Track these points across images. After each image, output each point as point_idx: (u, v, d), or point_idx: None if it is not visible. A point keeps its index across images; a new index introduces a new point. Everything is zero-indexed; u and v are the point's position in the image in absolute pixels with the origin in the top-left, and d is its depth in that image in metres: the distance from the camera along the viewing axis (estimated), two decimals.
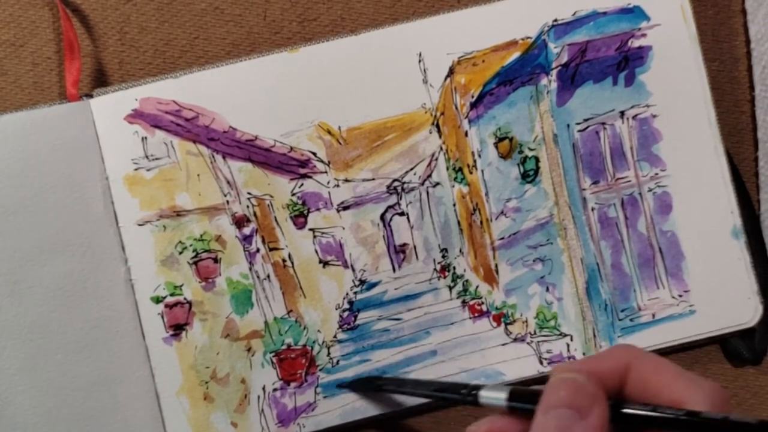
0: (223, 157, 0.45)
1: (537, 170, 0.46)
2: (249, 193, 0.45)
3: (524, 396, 0.29)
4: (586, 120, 0.46)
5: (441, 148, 0.46)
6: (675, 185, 0.46)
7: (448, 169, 0.46)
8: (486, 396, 0.30)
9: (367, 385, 0.44)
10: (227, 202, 0.45)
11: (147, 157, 0.44)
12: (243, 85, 0.45)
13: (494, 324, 0.45)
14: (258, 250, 0.45)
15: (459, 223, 0.46)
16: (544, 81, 0.46)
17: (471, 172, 0.46)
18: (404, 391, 0.42)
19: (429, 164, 0.46)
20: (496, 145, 0.46)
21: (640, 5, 0.46)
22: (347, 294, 0.45)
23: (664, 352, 0.46)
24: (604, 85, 0.46)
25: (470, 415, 0.46)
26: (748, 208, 0.47)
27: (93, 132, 0.44)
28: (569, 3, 0.46)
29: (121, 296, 0.44)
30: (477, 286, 0.46)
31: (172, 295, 0.44)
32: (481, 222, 0.46)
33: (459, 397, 0.32)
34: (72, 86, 0.45)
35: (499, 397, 0.30)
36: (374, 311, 0.45)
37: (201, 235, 0.44)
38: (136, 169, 0.44)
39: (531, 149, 0.46)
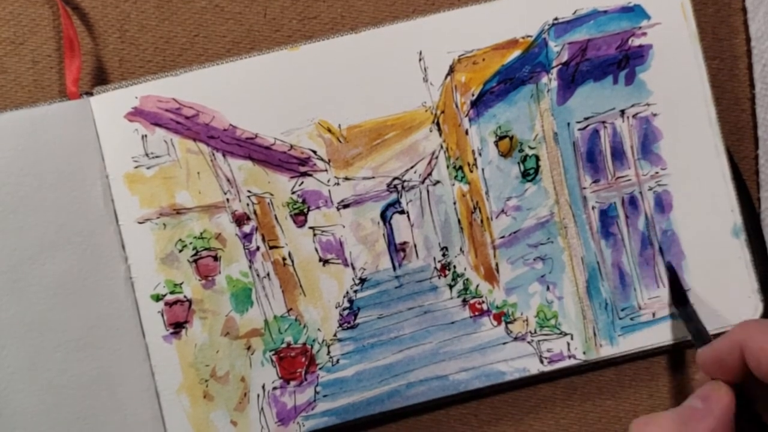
0: (223, 155, 0.45)
1: (537, 169, 0.46)
2: (249, 191, 0.45)
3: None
4: (586, 118, 0.46)
5: (441, 147, 0.46)
6: (675, 184, 0.46)
7: (448, 167, 0.46)
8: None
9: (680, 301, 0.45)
10: (227, 200, 0.45)
11: (147, 155, 0.44)
12: (243, 83, 0.45)
13: (495, 323, 0.45)
14: (258, 248, 0.45)
15: (459, 221, 0.46)
16: (544, 79, 0.46)
17: (471, 171, 0.46)
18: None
19: (429, 162, 0.46)
20: (496, 143, 0.46)
21: (640, 4, 0.46)
22: (347, 292, 0.45)
23: (664, 351, 0.46)
24: (604, 84, 0.46)
25: (471, 414, 0.46)
26: (749, 206, 0.47)
27: (93, 130, 0.44)
28: (570, 1, 0.46)
29: (121, 294, 0.44)
30: (477, 285, 0.46)
31: (171, 293, 0.44)
32: (482, 220, 0.46)
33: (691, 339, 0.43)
34: (72, 84, 0.45)
35: None
36: (374, 310, 0.45)
37: (201, 233, 0.44)
38: (136, 167, 0.44)
39: (531, 148, 0.46)
